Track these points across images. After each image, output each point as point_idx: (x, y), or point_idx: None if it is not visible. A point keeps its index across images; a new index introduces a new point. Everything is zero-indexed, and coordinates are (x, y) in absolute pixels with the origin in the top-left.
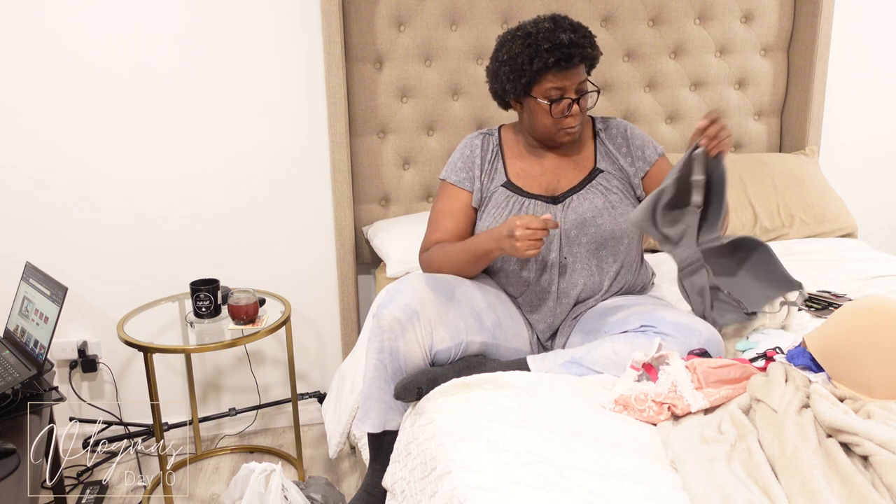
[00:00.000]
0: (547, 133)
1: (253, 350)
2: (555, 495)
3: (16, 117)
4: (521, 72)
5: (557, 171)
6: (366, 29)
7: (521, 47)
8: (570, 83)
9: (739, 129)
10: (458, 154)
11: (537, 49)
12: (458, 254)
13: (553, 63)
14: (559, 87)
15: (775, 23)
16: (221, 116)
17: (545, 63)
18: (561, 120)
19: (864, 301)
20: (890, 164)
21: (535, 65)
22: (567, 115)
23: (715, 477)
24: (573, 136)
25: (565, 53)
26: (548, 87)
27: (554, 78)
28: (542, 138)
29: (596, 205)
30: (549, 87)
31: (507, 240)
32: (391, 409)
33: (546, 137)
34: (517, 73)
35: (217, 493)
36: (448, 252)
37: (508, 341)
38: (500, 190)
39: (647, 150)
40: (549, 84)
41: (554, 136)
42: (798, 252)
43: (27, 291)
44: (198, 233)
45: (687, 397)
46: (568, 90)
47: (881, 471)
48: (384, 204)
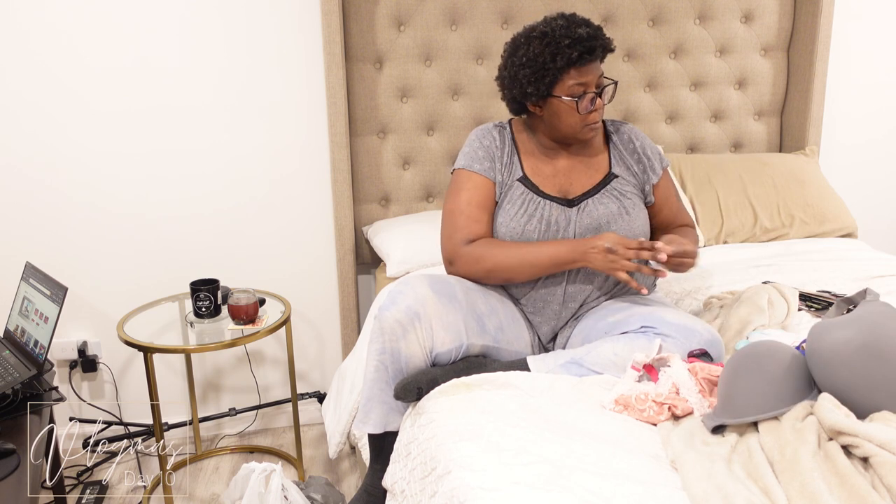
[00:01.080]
0: (572, 132)
1: (253, 350)
2: (555, 495)
3: (16, 117)
4: (544, 71)
5: (569, 173)
6: (366, 29)
7: (541, 47)
8: (591, 77)
9: (739, 129)
10: (476, 144)
11: (558, 46)
12: (522, 258)
13: (577, 58)
14: (581, 83)
15: (775, 23)
16: (222, 116)
17: (569, 59)
18: (586, 116)
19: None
20: (890, 164)
21: (559, 62)
22: (592, 111)
23: (715, 477)
24: (597, 132)
25: (587, 47)
26: (571, 84)
27: (577, 74)
28: (565, 138)
29: (611, 210)
30: (572, 83)
31: (599, 254)
32: (392, 410)
33: (571, 136)
34: (539, 73)
35: (217, 493)
36: (508, 254)
37: (510, 344)
38: (516, 185)
39: (655, 161)
40: (571, 81)
41: (579, 133)
42: (798, 252)
43: (27, 291)
44: (198, 233)
45: (690, 399)
46: (590, 85)
47: (881, 471)
48: (384, 204)
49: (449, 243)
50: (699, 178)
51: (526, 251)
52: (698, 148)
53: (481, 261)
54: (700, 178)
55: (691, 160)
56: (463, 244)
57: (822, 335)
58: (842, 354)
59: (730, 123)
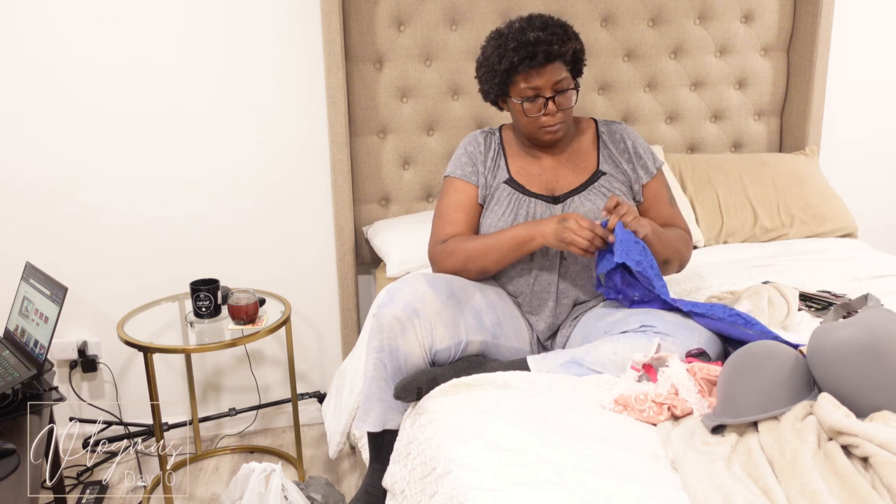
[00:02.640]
0: (528, 132)
1: (253, 350)
2: (555, 495)
3: (16, 117)
4: (493, 72)
5: (556, 171)
6: (366, 29)
7: (493, 48)
8: (543, 82)
9: (739, 129)
10: (461, 150)
11: (505, 49)
12: (488, 245)
13: (518, 62)
14: (533, 87)
15: (775, 23)
16: (221, 117)
17: (511, 62)
18: (537, 119)
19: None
20: (890, 163)
21: (503, 64)
22: (544, 114)
23: (715, 477)
24: (555, 136)
25: (529, 52)
26: (522, 87)
27: (526, 77)
28: (527, 138)
29: (598, 206)
30: (524, 86)
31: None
32: (391, 408)
33: (529, 137)
34: (490, 73)
35: (217, 493)
36: (476, 244)
37: (508, 340)
38: (502, 186)
39: (648, 161)
40: (522, 83)
41: (535, 135)
42: (798, 252)
43: (27, 291)
44: (198, 233)
45: (689, 400)
46: (543, 89)
47: (881, 471)
48: (384, 204)
49: (429, 246)
50: (699, 178)
51: (491, 238)
52: (698, 148)
53: (454, 254)
54: (700, 178)
55: (691, 160)
56: (438, 244)
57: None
58: (843, 353)
59: (730, 123)
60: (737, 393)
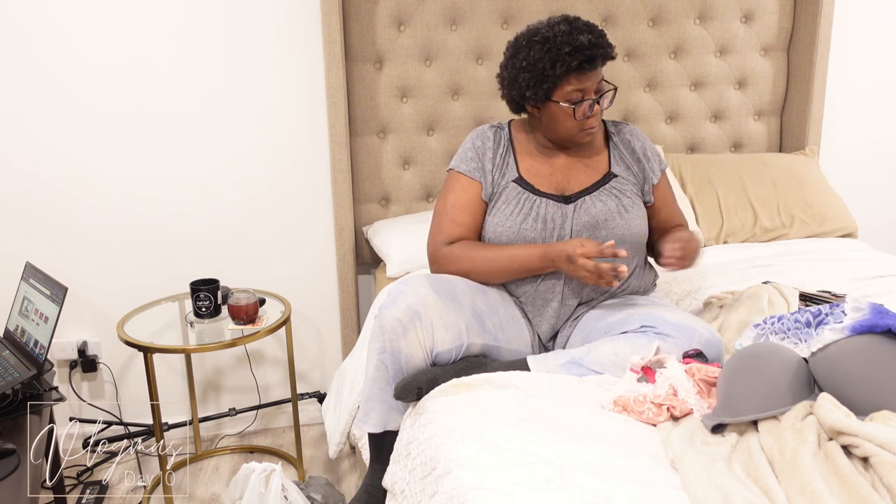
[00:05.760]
0: (569, 135)
1: (253, 350)
2: (555, 495)
3: (16, 117)
4: (543, 77)
5: (568, 171)
6: (366, 29)
7: (541, 52)
8: (590, 84)
9: (739, 129)
10: (469, 144)
11: (558, 53)
12: (496, 262)
13: (577, 66)
14: (580, 90)
15: (775, 23)
16: (221, 116)
17: (568, 67)
18: (584, 121)
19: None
20: (890, 164)
21: (559, 69)
22: (589, 116)
23: (715, 477)
24: (593, 136)
25: (587, 55)
26: (569, 91)
27: (576, 81)
28: (562, 141)
29: (609, 207)
30: (571, 89)
31: (565, 263)
32: (392, 409)
33: (567, 139)
34: (538, 78)
35: (217, 493)
36: (483, 256)
37: (510, 343)
38: (511, 185)
39: (655, 163)
40: (570, 87)
41: (575, 137)
42: (798, 252)
43: (27, 291)
44: (198, 233)
45: (688, 401)
46: (588, 91)
47: (881, 471)
48: (384, 204)
49: (431, 244)
50: (699, 178)
51: (500, 256)
52: (698, 148)
53: (458, 262)
54: (700, 178)
55: (691, 160)
56: (442, 245)
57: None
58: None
59: (730, 123)
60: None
